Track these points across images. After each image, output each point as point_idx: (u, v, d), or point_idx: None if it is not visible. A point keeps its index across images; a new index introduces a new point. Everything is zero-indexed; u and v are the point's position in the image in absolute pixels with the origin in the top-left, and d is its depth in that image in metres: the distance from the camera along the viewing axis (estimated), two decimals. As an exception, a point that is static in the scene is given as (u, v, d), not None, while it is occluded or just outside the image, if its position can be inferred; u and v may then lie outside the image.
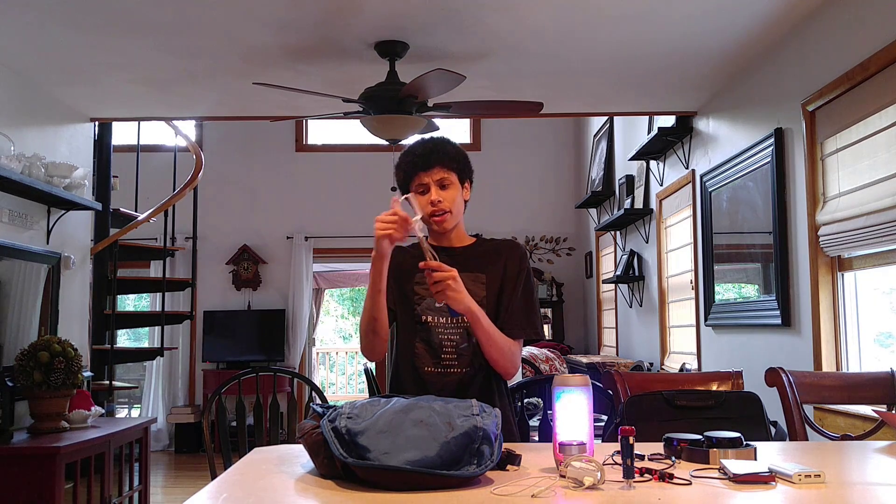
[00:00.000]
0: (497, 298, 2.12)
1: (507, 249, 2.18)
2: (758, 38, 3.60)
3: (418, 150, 2.12)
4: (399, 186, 2.18)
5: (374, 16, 3.34)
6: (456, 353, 2.08)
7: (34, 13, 3.27)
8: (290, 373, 3.00)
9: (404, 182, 2.14)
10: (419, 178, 2.09)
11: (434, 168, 2.09)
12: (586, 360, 6.10)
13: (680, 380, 2.57)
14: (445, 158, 2.10)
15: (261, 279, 8.02)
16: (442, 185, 2.10)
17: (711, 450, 1.61)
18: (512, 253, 2.17)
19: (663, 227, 5.40)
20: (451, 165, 2.11)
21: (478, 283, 2.11)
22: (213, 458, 2.69)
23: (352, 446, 1.46)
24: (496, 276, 2.13)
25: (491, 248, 2.19)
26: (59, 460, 3.33)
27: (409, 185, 2.12)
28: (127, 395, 8.74)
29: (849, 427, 2.83)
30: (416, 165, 2.10)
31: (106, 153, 5.44)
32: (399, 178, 2.16)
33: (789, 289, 3.52)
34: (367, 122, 3.89)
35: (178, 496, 5.66)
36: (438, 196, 2.09)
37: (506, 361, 2.09)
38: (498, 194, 7.74)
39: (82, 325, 4.76)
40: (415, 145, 2.15)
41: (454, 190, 2.12)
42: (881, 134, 2.86)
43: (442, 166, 2.10)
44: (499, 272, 2.14)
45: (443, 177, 2.10)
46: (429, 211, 2.09)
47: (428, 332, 2.09)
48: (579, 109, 5.39)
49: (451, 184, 2.11)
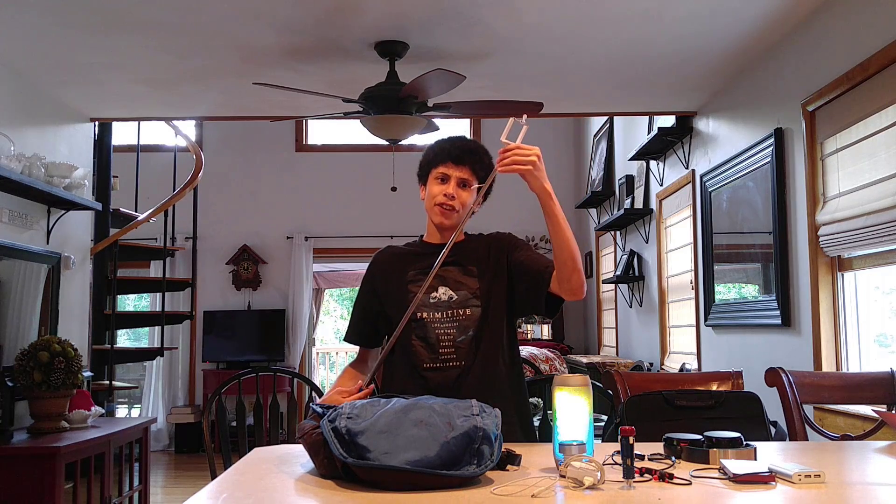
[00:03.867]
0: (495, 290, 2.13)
1: (493, 239, 2.23)
2: (758, 38, 3.59)
3: (458, 143, 2.15)
4: (422, 168, 2.20)
5: (374, 16, 3.34)
6: (454, 347, 2.08)
7: (34, 13, 3.27)
8: (290, 373, 3.00)
9: (431, 162, 2.16)
10: (446, 168, 2.13)
11: (464, 166, 2.13)
12: (586, 360, 6.10)
13: (680, 380, 2.57)
14: (478, 165, 2.14)
15: (261, 279, 8.02)
16: (462, 185, 2.13)
17: (711, 450, 1.61)
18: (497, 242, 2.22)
19: (663, 227, 5.40)
20: (479, 173, 2.15)
21: (470, 275, 2.14)
22: (213, 458, 2.69)
23: (352, 446, 1.46)
24: (488, 267, 2.15)
25: (478, 242, 2.23)
26: (59, 460, 3.33)
27: (433, 169, 2.15)
28: (127, 395, 8.74)
29: (849, 427, 2.83)
30: (449, 154, 2.13)
31: (106, 153, 5.44)
32: (427, 158, 2.18)
33: (789, 289, 3.52)
34: (367, 122, 3.89)
35: (178, 496, 5.66)
36: (455, 192, 2.12)
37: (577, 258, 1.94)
38: (498, 194, 7.69)
39: (82, 325, 4.75)
40: (457, 138, 2.19)
41: (470, 194, 2.15)
42: (881, 134, 2.86)
43: (472, 169, 2.13)
44: (489, 263, 2.16)
45: (467, 178, 2.13)
46: (440, 201, 2.12)
47: (424, 328, 2.09)
48: (579, 109, 5.39)
49: (470, 187, 2.15)
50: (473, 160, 2.13)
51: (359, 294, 2.30)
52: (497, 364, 2.13)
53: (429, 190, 2.16)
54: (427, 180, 2.18)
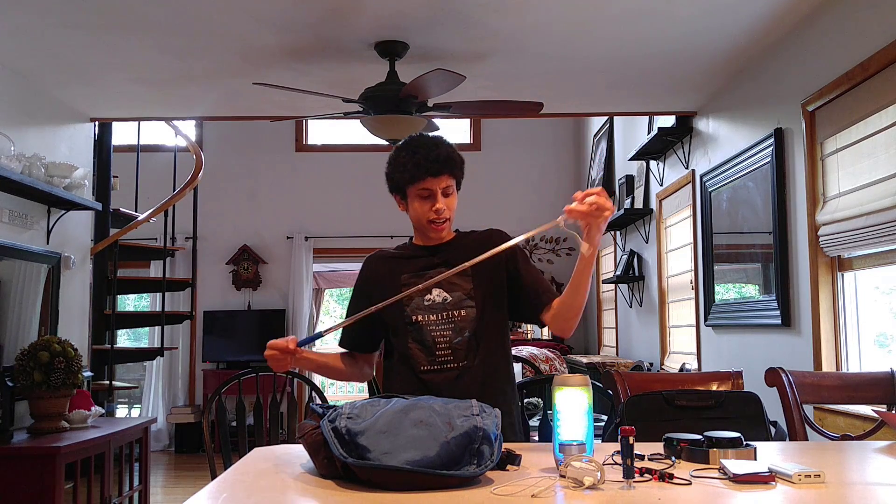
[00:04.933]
0: (488, 290, 2.11)
1: (489, 238, 2.14)
2: (758, 38, 3.60)
3: (430, 155, 2.06)
4: (395, 183, 2.12)
5: (374, 16, 3.34)
6: (450, 349, 2.08)
7: (34, 13, 3.27)
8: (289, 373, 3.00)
9: (408, 180, 2.07)
10: (426, 183, 2.06)
11: (443, 176, 2.08)
12: (586, 360, 6.10)
13: (680, 380, 2.57)
14: (454, 167, 2.10)
15: (261, 279, 8.02)
16: (446, 193, 2.10)
17: (711, 450, 1.61)
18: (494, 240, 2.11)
19: (663, 227, 5.40)
20: (456, 174, 2.11)
21: (463, 275, 2.08)
22: (213, 458, 2.69)
23: (352, 446, 1.46)
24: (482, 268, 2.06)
25: (472, 240, 2.17)
26: (59, 460, 3.33)
27: (411, 186, 2.08)
28: (127, 395, 8.74)
29: (849, 427, 2.83)
30: (426, 170, 2.05)
31: (106, 153, 5.44)
32: (399, 173, 2.09)
33: (789, 289, 3.52)
34: (367, 122, 3.89)
35: (178, 496, 5.66)
36: (443, 204, 2.09)
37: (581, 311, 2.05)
38: (498, 194, 7.74)
39: (82, 325, 4.75)
40: (422, 148, 2.07)
41: (454, 197, 2.13)
42: (881, 134, 2.86)
43: (450, 174, 2.09)
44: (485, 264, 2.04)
45: (448, 185, 2.10)
46: (431, 218, 2.09)
47: (420, 331, 2.09)
48: (579, 109, 5.39)
49: (452, 192, 2.12)
50: (450, 166, 2.08)
51: (352, 300, 2.25)
52: (496, 362, 2.13)
53: (413, 206, 2.11)
54: (405, 195, 2.11)
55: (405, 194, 2.12)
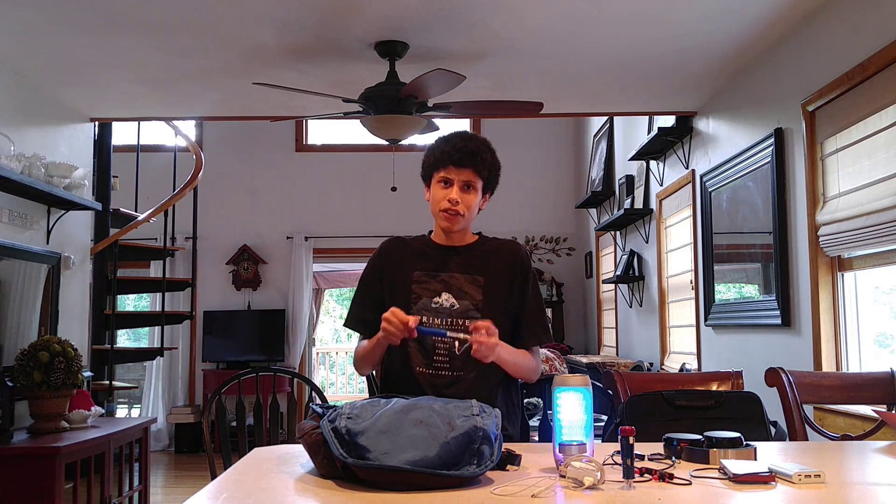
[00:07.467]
0: (497, 303, 2.10)
1: (509, 253, 2.17)
2: (758, 38, 3.60)
3: (459, 145, 2.09)
4: (424, 169, 2.15)
5: (374, 16, 3.34)
6: (448, 357, 2.07)
7: (34, 13, 3.27)
8: (290, 373, 3.00)
9: (433, 165, 2.11)
10: (447, 171, 2.09)
11: (466, 169, 2.08)
12: (586, 360, 6.10)
13: (680, 380, 2.57)
14: (481, 165, 2.10)
15: (261, 279, 8.02)
16: (466, 187, 2.09)
17: (711, 450, 1.61)
18: (514, 258, 2.17)
19: (663, 227, 5.40)
20: (482, 173, 2.11)
21: (475, 285, 2.10)
22: (213, 458, 2.69)
23: (352, 446, 1.46)
24: (496, 280, 2.11)
25: (492, 249, 2.18)
26: (59, 460, 3.33)
27: (435, 172, 2.11)
28: (127, 395, 8.74)
29: (849, 427, 2.83)
30: (450, 158, 2.08)
31: (106, 153, 5.43)
32: (429, 160, 2.13)
33: (789, 289, 3.52)
34: (367, 122, 3.89)
35: (178, 496, 5.66)
36: (458, 197, 2.09)
37: (531, 374, 2.16)
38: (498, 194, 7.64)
39: (82, 325, 4.75)
40: (456, 138, 2.12)
41: (475, 196, 2.11)
42: (881, 134, 2.86)
43: (475, 171, 2.09)
44: (500, 277, 2.12)
45: (470, 180, 2.09)
46: (444, 206, 2.09)
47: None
48: (579, 109, 5.39)
49: (474, 190, 2.11)
50: (476, 162, 2.09)
51: (363, 279, 2.23)
52: (492, 380, 2.10)
53: (433, 193, 2.13)
54: (430, 182, 2.14)
55: (430, 182, 2.14)
